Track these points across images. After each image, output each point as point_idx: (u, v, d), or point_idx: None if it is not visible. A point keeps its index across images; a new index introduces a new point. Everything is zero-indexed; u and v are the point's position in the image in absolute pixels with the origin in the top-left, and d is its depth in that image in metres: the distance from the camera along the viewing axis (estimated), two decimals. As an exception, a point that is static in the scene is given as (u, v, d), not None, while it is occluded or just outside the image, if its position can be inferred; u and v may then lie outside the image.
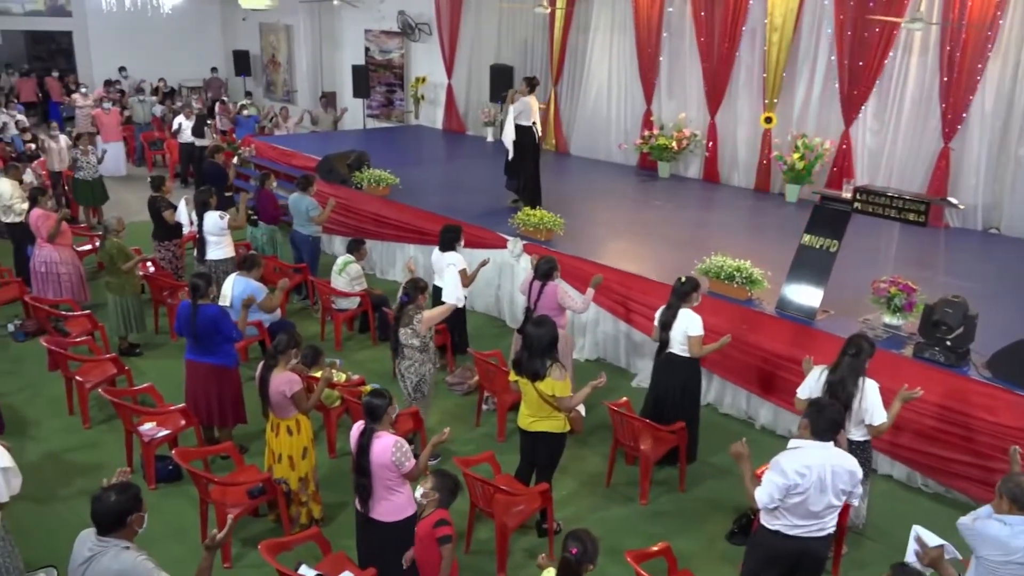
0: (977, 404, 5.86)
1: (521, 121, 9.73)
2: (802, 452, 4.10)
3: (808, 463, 4.02)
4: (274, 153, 13.44)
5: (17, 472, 4.05)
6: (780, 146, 11.38)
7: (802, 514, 4.10)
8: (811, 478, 4.01)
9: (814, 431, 4.11)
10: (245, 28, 20.93)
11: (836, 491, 4.08)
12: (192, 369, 6.28)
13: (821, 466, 4.03)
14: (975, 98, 9.69)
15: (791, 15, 10.86)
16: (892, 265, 7.06)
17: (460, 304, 6.39)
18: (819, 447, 4.09)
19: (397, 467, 4.35)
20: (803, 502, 4.06)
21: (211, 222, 8.44)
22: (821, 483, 4.03)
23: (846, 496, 4.17)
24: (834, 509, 4.16)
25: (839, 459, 4.11)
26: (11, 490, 4.04)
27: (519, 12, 14.40)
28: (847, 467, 4.09)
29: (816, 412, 4.14)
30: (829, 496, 4.07)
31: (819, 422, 4.10)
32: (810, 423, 4.14)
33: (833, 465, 4.06)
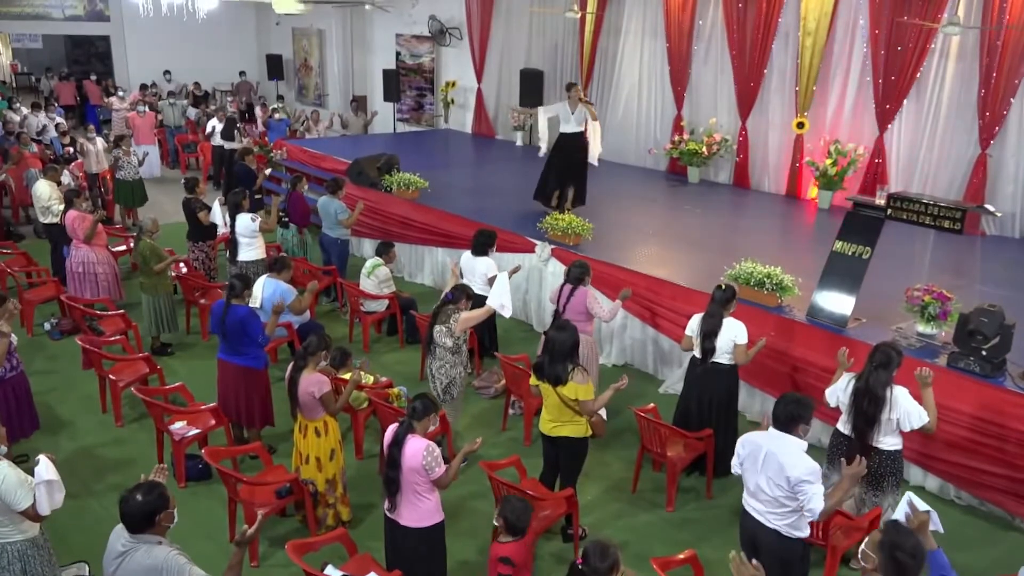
0: (1013, 415, 5.74)
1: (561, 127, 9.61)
2: (761, 432, 4.41)
3: (752, 439, 4.37)
4: (305, 156, 13.57)
5: (61, 487, 4.07)
6: (812, 151, 11.25)
7: (748, 489, 4.40)
8: (745, 453, 4.38)
9: (772, 418, 4.30)
10: (278, 32, 21.19)
11: (766, 476, 4.19)
12: (223, 369, 6.37)
13: (758, 446, 4.28)
14: (1014, 104, 9.51)
15: (825, 19, 10.74)
16: (926, 273, 6.94)
17: (506, 313, 6.30)
18: (773, 433, 4.27)
19: (427, 472, 4.35)
20: (745, 474, 4.41)
21: (243, 224, 8.54)
22: (754, 460, 4.29)
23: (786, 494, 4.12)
24: (770, 500, 4.21)
25: (781, 449, 4.17)
26: (53, 504, 4.04)
27: (549, 16, 14.40)
28: (780, 459, 4.13)
29: (779, 401, 4.32)
30: (760, 478, 4.23)
31: (776, 410, 4.27)
32: (772, 410, 4.32)
33: (770, 450, 4.19)
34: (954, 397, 5.83)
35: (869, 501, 5.24)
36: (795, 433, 4.21)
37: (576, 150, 9.67)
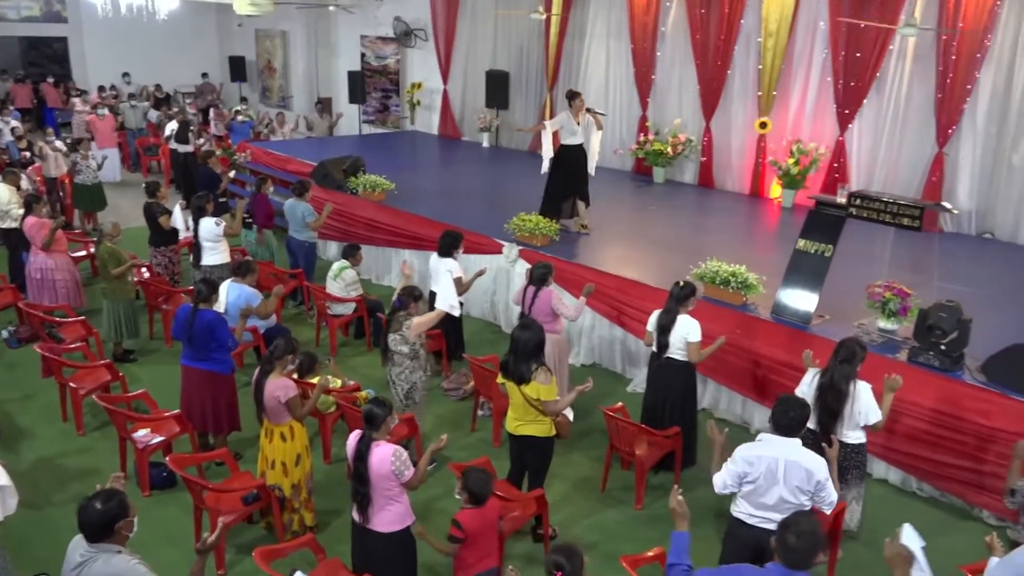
0: (971, 408, 5.87)
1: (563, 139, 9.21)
2: (759, 443, 4.22)
3: (760, 453, 4.15)
4: (269, 159, 13.44)
5: (14, 492, 3.99)
6: (775, 151, 11.41)
7: (756, 504, 4.20)
8: (760, 468, 4.12)
9: (775, 426, 4.20)
10: (241, 34, 20.96)
11: (791, 487, 4.11)
12: (187, 374, 6.28)
13: (773, 458, 4.11)
14: (969, 104, 9.74)
15: (785, 21, 10.90)
16: (887, 270, 7.07)
17: (456, 312, 6.34)
18: (779, 441, 4.16)
19: (397, 476, 4.33)
20: (754, 492, 4.17)
21: (207, 228, 8.43)
22: (771, 475, 4.11)
23: (808, 497, 4.14)
24: (792, 507, 4.13)
25: (797, 456, 4.12)
26: (6, 510, 3.96)
27: (515, 18, 14.43)
28: (804, 465, 4.10)
29: (778, 407, 4.24)
30: (781, 489, 4.11)
31: (781, 418, 4.18)
32: (771, 417, 4.23)
33: (788, 460, 4.10)
34: (915, 391, 5.94)
35: (834, 495, 5.31)
36: (799, 436, 4.23)
37: (580, 160, 9.30)
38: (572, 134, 9.13)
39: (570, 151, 9.23)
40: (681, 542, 3.66)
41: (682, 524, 3.70)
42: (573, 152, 9.23)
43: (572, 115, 9.02)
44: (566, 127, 9.11)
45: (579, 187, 9.39)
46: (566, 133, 9.14)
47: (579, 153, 9.25)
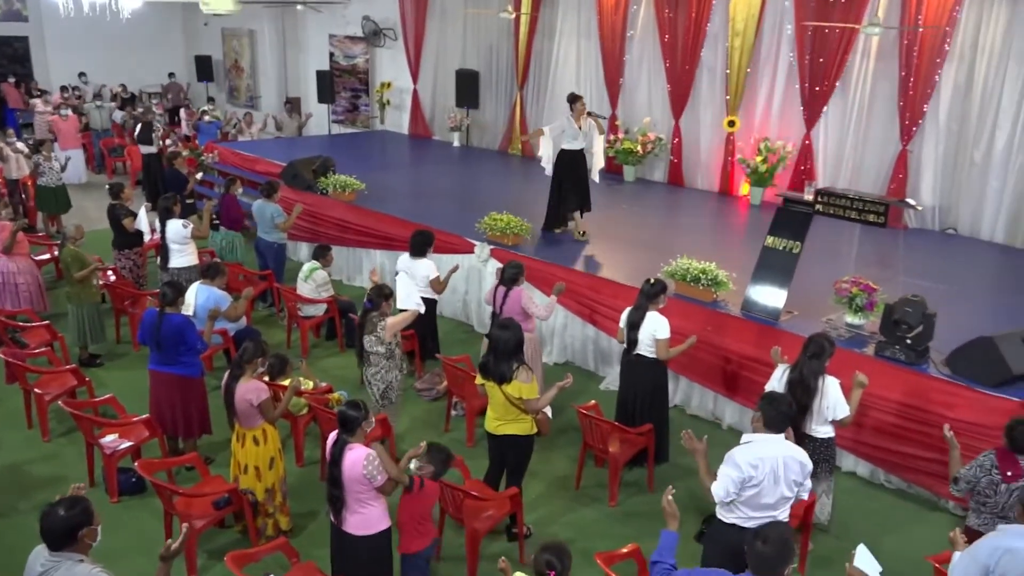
0: (937, 401, 5.99)
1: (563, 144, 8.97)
2: (755, 445, 4.18)
3: (761, 455, 4.10)
4: (237, 159, 13.30)
5: None
6: (743, 149, 11.52)
7: (756, 506, 4.17)
8: (764, 470, 4.09)
9: (766, 423, 4.19)
10: (207, 33, 20.69)
11: (788, 482, 4.16)
12: (156, 379, 6.19)
13: (774, 458, 4.11)
14: (931, 101, 9.91)
15: (752, 20, 11.01)
16: (853, 265, 7.18)
17: (421, 309, 6.32)
18: (772, 439, 4.16)
19: (369, 480, 4.30)
20: (757, 494, 4.13)
21: (174, 230, 8.31)
22: (774, 475, 4.11)
23: (798, 488, 4.22)
24: (787, 500, 4.22)
25: (790, 451, 4.19)
26: None
27: (484, 17, 14.42)
28: (798, 458, 4.17)
29: (768, 404, 4.23)
30: (782, 487, 4.15)
31: (771, 414, 4.19)
32: (763, 415, 4.22)
33: (785, 457, 4.14)
34: (882, 385, 6.03)
35: (804, 488, 5.38)
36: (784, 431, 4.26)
37: (580, 165, 9.06)
38: (573, 139, 8.87)
39: (570, 156, 8.96)
40: (668, 541, 3.70)
41: (672, 523, 3.75)
42: (574, 157, 8.97)
43: (573, 119, 8.79)
44: (567, 131, 8.85)
45: (579, 193, 9.16)
46: (567, 138, 8.88)
47: (579, 158, 8.99)
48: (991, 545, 3.64)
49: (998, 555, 3.58)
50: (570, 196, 9.15)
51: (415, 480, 4.51)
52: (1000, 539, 3.64)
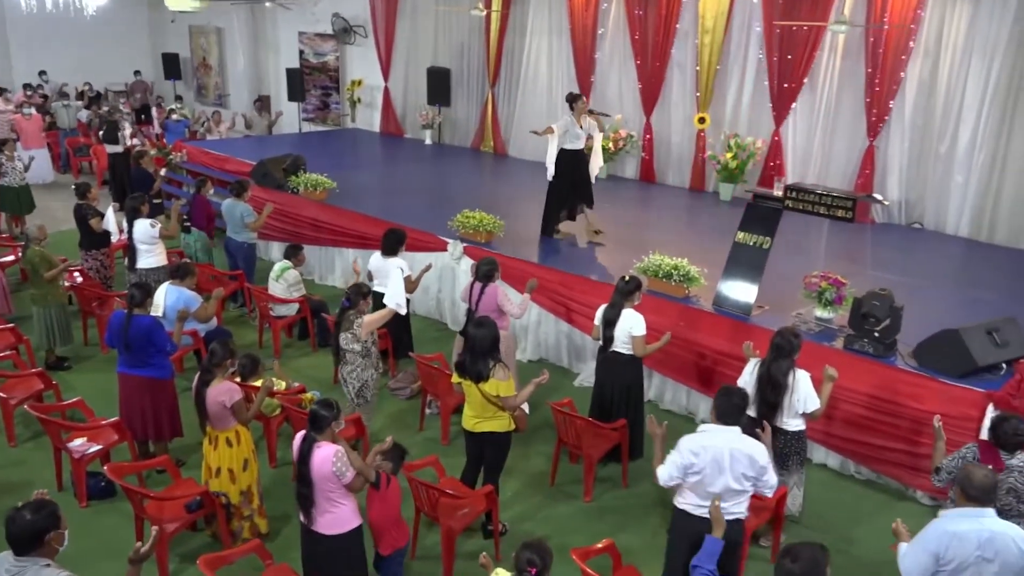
0: (904, 393, 6.08)
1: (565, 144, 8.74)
2: (704, 434, 4.28)
3: (705, 444, 4.20)
4: (207, 158, 13.14)
5: None
6: (713, 145, 11.61)
7: (702, 494, 4.25)
8: (705, 458, 4.17)
9: (719, 415, 4.28)
10: (174, 30, 20.41)
11: (736, 475, 4.19)
12: (125, 382, 6.11)
13: (718, 448, 4.17)
14: (897, 98, 10.06)
15: (721, 17, 11.10)
16: (822, 260, 7.28)
17: (402, 311, 6.30)
18: (721, 430, 4.24)
19: (338, 477, 4.28)
20: (701, 482, 4.22)
21: (141, 230, 8.20)
22: (717, 464, 4.17)
23: (752, 483, 4.24)
24: (737, 494, 4.24)
25: (740, 444, 4.21)
26: None
27: (455, 15, 14.38)
28: (747, 452, 4.19)
29: (721, 396, 4.32)
30: (727, 479, 4.19)
31: (723, 406, 4.27)
32: (715, 407, 4.31)
33: (732, 448, 4.19)
34: (851, 378, 6.12)
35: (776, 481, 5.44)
36: (739, 424, 4.31)
37: (582, 165, 8.91)
38: (576, 138, 8.69)
39: (571, 156, 8.77)
40: (711, 547, 3.75)
41: (716, 530, 3.79)
42: (575, 157, 8.79)
43: (574, 119, 8.63)
44: (569, 131, 8.66)
45: (581, 193, 9.02)
46: (569, 138, 8.69)
47: (581, 158, 8.86)
48: (938, 531, 3.72)
49: (946, 540, 3.67)
50: (575, 195, 9.01)
51: (382, 476, 4.51)
52: (945, 524, 3.73)
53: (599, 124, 8.96)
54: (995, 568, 3.62)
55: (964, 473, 3.78)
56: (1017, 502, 4.38)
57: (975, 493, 3.71)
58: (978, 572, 3.63)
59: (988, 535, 3.63)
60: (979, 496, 3.71)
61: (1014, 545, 3.62)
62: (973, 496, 3.71)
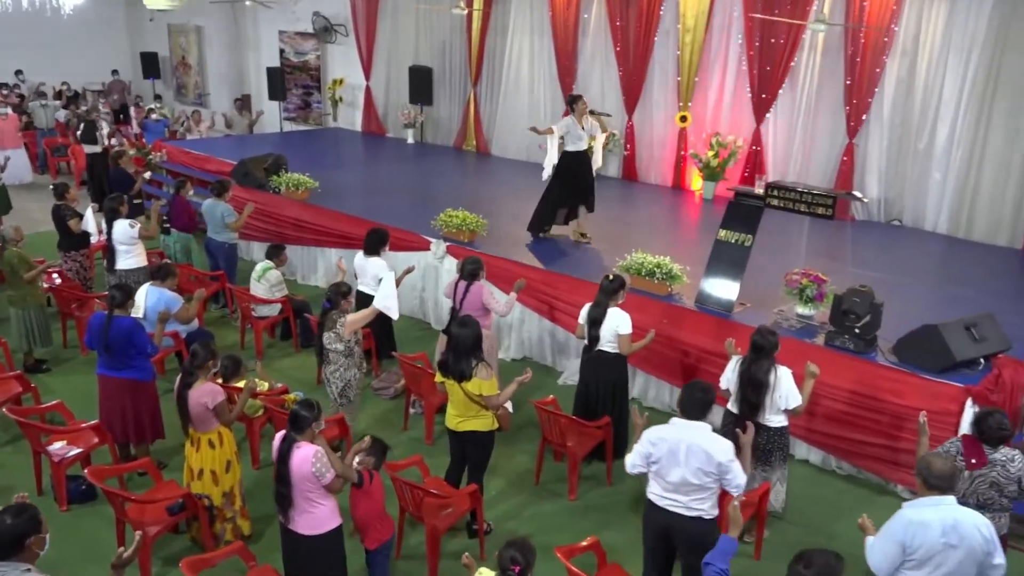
0: (885, 388, 6.14)
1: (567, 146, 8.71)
2: (665, 426, 4.37)
3: (664, 435, 4.31)
4: (187, 158, 13.05)
5: None
6: (695, 144, 11.67)
7: (664, 485, 4.36)
8: (662, 449, 4.29)
9: (681, 409, 4.36)
10: (152, 29, 20.24)
11: (692, 469, 4.23)
12: (105, 384, 6.04)
13: (676, 440, 4.26)
14: (876, 96, 10.15)
15: (702, 17, 11.16)
16: (803, 257, 7.32)
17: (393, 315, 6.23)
18: (685, 424, 4.31)
19: (317, 478, 4.27)
20: (659, 471, 4.33)
21: (121, 230, 8.13)
22: (673, 455, 4.25)
23: (713, 480, 4.25)
24: (696, 488, 4.27)
25: (700, 439, 4.24)
26: None
27: (436, 13, 14.35)
28: (704, 448, 4.21)
29: (684, 391, 4.39)
30: (683, 471, 4.24)
31: (685, 401, 4.35)
32: (678, 401, 4.39)
33: (691, 443, 4.23)
34: (832, 374, 6.16)
35: (759, 476, 5.49)
36: (705, 419, 4.34)
37: (584, 166, 8.81)
38: (578, 139, 8.63)
39: (574, 158, 8.70)
40: (724, 546, 3.76)
41: (732, 531, 3.81)
42: (578, 158, 8.72)
43: (576, 120, 8.58)
44: (571, 132, 8.60)
45: (584, 194, 8.93)
46: (572, 139, 8.63)
47: (584, 159, 8.77)
48: (903, 522, 3.78)
49: (912, 530, 3.72)
50: (575, 196, 8.92)
51: (364, 474, 4.50)
52: (909, 514, 3.78)
53: (602, 124, 8.89)
54: (960, 554, 3.68)
55: (924, 463, 3.84)
56: (999, 495, 4.45)
57: (936, 482, 3.77)
58: (944, 559, 3.69)
59: (952, 522, 3.69)
60: (940, 484, 3.77)
61: (977, 531, 3.69)
62: (934, 485, 3.78)
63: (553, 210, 9.06)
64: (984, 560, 3.72)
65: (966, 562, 3.69)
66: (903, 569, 3.78)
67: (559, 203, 9.02)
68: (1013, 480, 4.40)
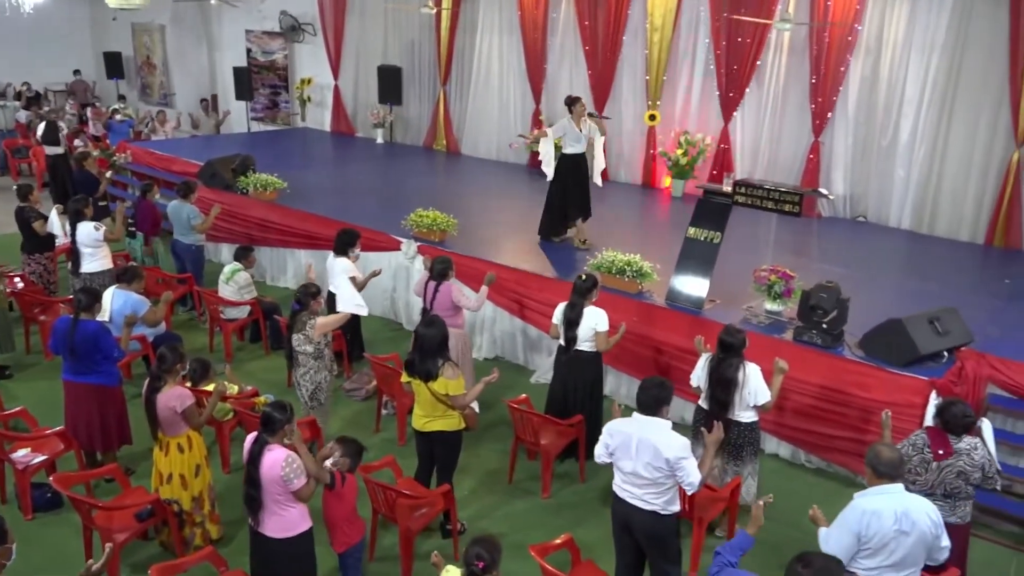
0: (851, 382, 6.23)
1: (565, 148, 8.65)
2: (623, 419, 4.48)
3: (620, 428, 4.44)
4: (152, 159, 12.86)
5: None
6: (664, 142, 11.75)
7: (621, 473, 4.47)
8: (616, 440, 4.42)
9: (637, 404, 4.42)
10: (116, 28, 19.92)
11: (643, 463, 4.29)
12: (70, 390, 5.94)
13: (628, 434, 4.36)
14: (840, 94, 10.29)
15: (670, 15, 11.24)
16: (771, 254, 7.40)
17: (363, 312, 6.21)
18: (640, 419, 4.39)
19: (286, 483, 4.23)
20: (616, 461, 4.46)
21: (85, 233, 7.98)
22: (625, 448, 4.37)
23: (665, 475, 4.27)
24: (648, 483, 4.31)
25: (653, 434, 4.29)
26: None
27: (405, 12, 14.29)
28: (654, 443, 4.26)
29: (640, 388, 4.45)
30: (636, 464, 4.31)
31: (639, 397, 4.42)
32: (636, 397, 4.45)
33: (642, 437, 4.30)
34: (801, 369, 6.24)
35: (730, 471, 5.55)
36: (661, 415, 4.38)
37: (581, 169, 8.74)
38: (576, 142, 8.54)
39: (570, 160, 8.63)
40: (739, 540, 3.82)
41: (751, 528, 3.87)
42: (575, 161, 8.64)
43: (573, 122, 8.50)
44: (568, 135, 8.52)
45: (580, 199, 8.81)
46: (569, 141, 8.55)
47: (580, 162, 8.68)
48: (856, 512, 3.86)
49: (866, 519, 3.80)
50: (571, 201, 8.79)
51: (336, 476, 4.47)
52: (862, 504, 3.86)
53: (601, 128, 8.78)
54: (912, 540, 3.78)
55: (873, 452, 3.92)
56: (965, 484, 4.53)
57: (884, 470, 3.86)
58: (897, 545, 3.78)
59: (904, 509, 3.78)
60: (888, 472, 3.85)
61: (927, 517, 3.80)
62: (883, 473, 3.86)
63: (562, 214, 8.87)
64: (933, 543, 3.85)
65: (917, 547, 3.81)
66: (858, 558, 3.86)
67: (563, 208, 8.84)
68: (977, 468, 4.49)
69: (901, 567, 3.83)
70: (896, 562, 3.81)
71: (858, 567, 3.88)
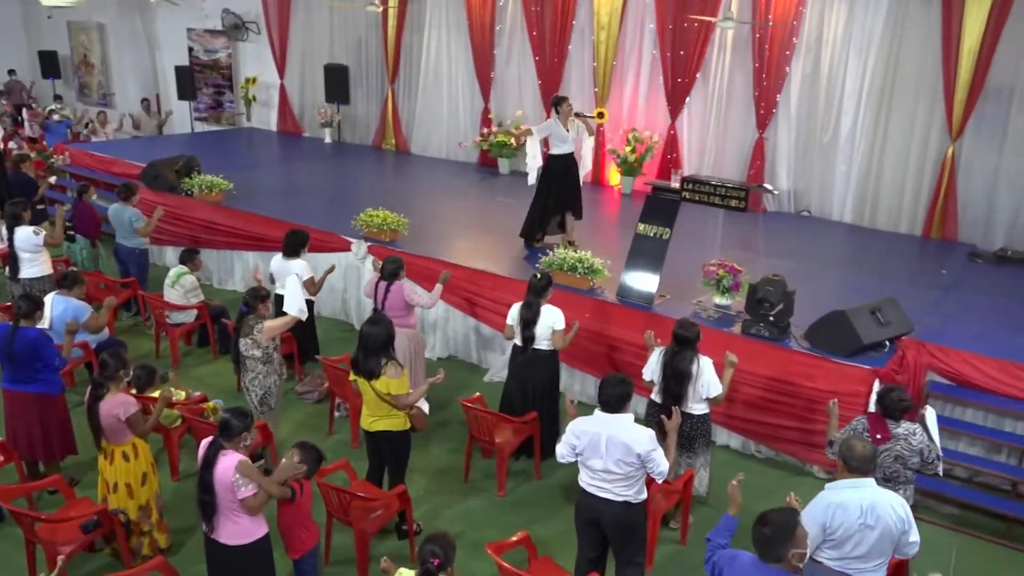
0: (798, 373, 6.38)
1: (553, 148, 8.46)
2: (587, 419, 4.50)
3: (586, 428, 4.46)
4: (92, 161, 12.51)
5: None
6: (613, 140, 11.85)
7: (589, 472, 4.49)
8: (584, 441, 4.44)
9: (600, 403, 4.47)
10: (51, 26, 19.31)
11: (614, 459, 4.35)
12: (10, 399, 5.76)
13: (596, 433, 4.39)
14: (783, 91, 10.52)
15: (616, 14, 11.34)
16: (719, 249, 7.53)
17: (303, 316, 6.12)
18: (604, 417, 4.43)
19: (235, 488, 4.15)
20: (584, 460, 4.48)
21: (24, 238, 7.72)
22: (594, 447, 4.39)
23: (635, 468, 4.36)
24: (620, 478, 4.38)
25: (620, 431, 4.36)
26: None
27: (351, 10, 14.15)
28: (623, 440, 4.33)
29: (601, 386, 4.50)
30: (606, 462, 4.37)
31: (602, 395, 4.46)
32: (598, 395, 4.50)
33: (610, 435, 4.35)
34: (749, 361, 6.35)
35: (683, 463, 5.63)
36: (624, 411, 4.43)
37: (571, 170, 8.51)
38: (562, 142, 8.33)
39: (560, 161, 8.44)
40: (725, 524, 3.89)
41: (731, 509, 3.94)
42: (563, 162, 8.44)
43: (559, 121, 8.31)
44: (555, 134, 8.33)
45: (571, 200, 8.60)
46: (556, 141, 8.36)
47: (570, 163, 8.48)
48: (823, 503, 3.96)
49: (831, 511, 3.90)
50: (562, 203, 8.59)
51: (295, 487, 4.41)
52: (830, 496, 3.96)
53: (588, 128, 8.62)
54: (876, 534, 3.87)
55: (846, 446, 4.01)
56: (904, 468, 4.68)
57: (856, 464, 3.95)
58: (861, 538, 3.88)
59: (870, 503, 3.87)
60: (860, 467, 3.95)
61: (892, 511, 3.89)
62: (855, 467, 3.95)
63: (546, 217, 8.66)
64: (900, 538, 3.93)
65: (882, 540, 3.90)
66: (823, 548, 3.95)
67: (551, 210, 8.63)
68: (915, 452, 4.64)
69: (867, 559, 3.93)
70: (862, 554, 3.91)
71: (823, 556, 3.97)
